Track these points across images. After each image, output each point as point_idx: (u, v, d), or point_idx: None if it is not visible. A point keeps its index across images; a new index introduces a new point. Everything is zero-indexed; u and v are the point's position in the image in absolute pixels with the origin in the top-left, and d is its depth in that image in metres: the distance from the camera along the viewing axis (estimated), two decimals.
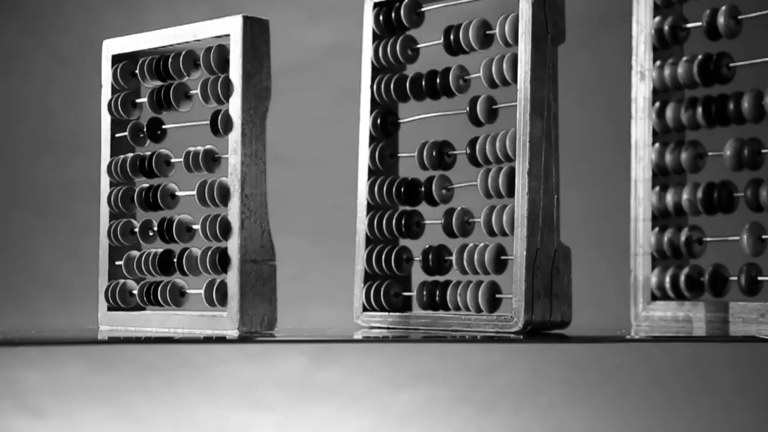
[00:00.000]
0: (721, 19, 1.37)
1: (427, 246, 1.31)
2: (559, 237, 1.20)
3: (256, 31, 1.17)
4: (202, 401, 2.13)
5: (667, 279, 1.41)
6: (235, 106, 1.17)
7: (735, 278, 1.35)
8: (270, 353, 2.19)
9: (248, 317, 1.15)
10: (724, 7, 1.37)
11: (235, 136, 1.17)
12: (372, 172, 1.36)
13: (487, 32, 1.27)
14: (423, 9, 1.34)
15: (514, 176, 1.20)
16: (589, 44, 2.25)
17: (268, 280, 1.17)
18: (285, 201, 2.31)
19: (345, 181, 1.56)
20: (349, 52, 1.58)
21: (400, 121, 1.37)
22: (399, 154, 1.37)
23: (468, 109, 1.27)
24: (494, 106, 1.26)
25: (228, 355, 2.16)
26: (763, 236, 1.34)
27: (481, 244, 1.24)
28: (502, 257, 1.23)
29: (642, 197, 1.44)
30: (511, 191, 1.21)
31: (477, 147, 1.26)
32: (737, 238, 1.35)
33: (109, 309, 1.31)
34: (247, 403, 2.17)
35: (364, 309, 1.35)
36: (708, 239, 1.40)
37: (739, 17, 1.37)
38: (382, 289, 1.33)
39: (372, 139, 1.37)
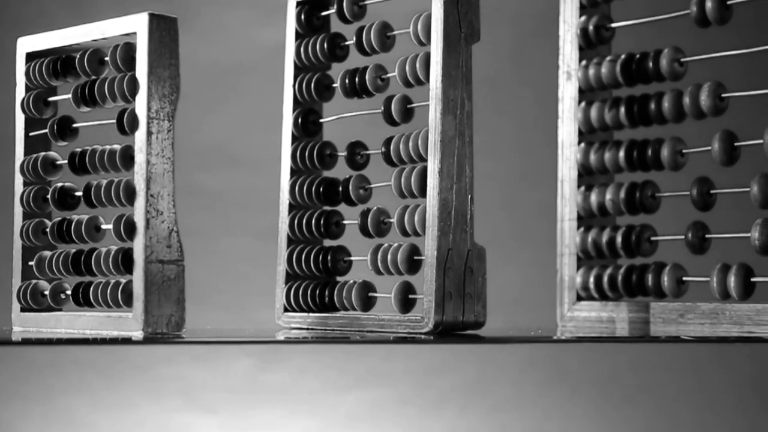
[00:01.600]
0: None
1: (337, 245, 1.31)
2: (473, 237, 1.19)
3: (163, 29, 1.15)
4: (145, 403, 2.12)
5: (592, 279, 1.40)
6: (141, 104, 1.16)
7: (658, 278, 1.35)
8: (214, 354, 2.17)
9: (153, 318, 1.14)
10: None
11: (141, 135, 1.15)
12: (294, 172, 1.35)
13: (389, 34, 1.26)
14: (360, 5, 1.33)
15: (426, 176, 1.19)
16: (520, 44, 2.25)
17: (175, 281, 1.15)
18: (236, 201, 2.30)
19: None
20: None
21: (322, 120, 1.36)
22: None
23: (383, 108, 1.26)
24: (409, 106, 1.25)
25: (172, 356, 2.15)
26: (707, 235, 1.33)
27: (395, 244, 1.24)
28: (416, 257, 1.22)
29: (568, 197, 1.44)
30: (423, 191, 1.20)
31: (392, 147, 1.25)
32: (682, 237, 1.34)
33: (22, 310, 1.29)
34: (191, 405, 2.16)
35: (285, 310, 1.34)
36: (658, 238, 1.38)
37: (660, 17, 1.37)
38: (301, 289, 1.32)
39: (294, 139, 1.36)
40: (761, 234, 1.24)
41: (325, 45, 1.33)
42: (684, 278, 1.33)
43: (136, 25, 1.16)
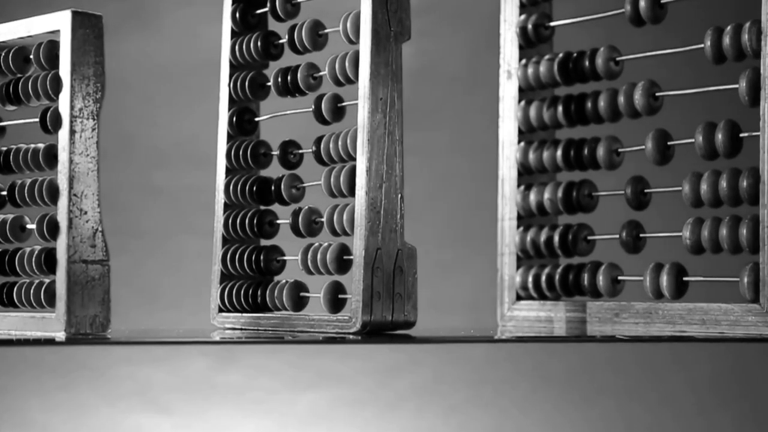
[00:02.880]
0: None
1: (270, 245, 1.30)
2: (404, 236, 1.19)
3: (87, 27, 1.14)
4: (100, 404, 2.10)
5: (530, 278, 1.40)
6: (64, 102, 1.14)
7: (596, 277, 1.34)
8: (172, 354, 2.16)
9: (76, 318, 1.13)
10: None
11: (64, 134, 1.14)
12: (229, 171, 1.34)
13: (320, 32, 1.25)
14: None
15: (355, 175, 1.19)
16: (463, 43, 2.25)
17: (100, 281, 1.14)
18: (199, 201, 2.29)
19: None
20: None
21: (257, 119, 1.35)
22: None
23: (314, 107, 1.25)
24: (340, 104, 1.24)
25: (129, 356, 2.14)
26: (641, 235, 1.32)
27: (325, 244, 1.23)
28: (345, 257, 1.21)
29: (508, 196, 1.43)
30: (352, 190, 1.20)
31: (322, 146, 1.24)
32: (617, 236, 1.33)
33: None
34: (145, 405, 2.15)
35: (220, 310, 1.33)
36: (594, 237, 1.38)
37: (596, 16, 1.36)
38: (235, 289, 1.31)
39: (229, 138, 1.35)
40: (692, 233, 1.23)
41: (260, 43, 1.32)
42: (619, 277, 1.33)
43: (60, 22, 1.15)
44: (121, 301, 2.30)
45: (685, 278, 1.25)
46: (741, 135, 1.22)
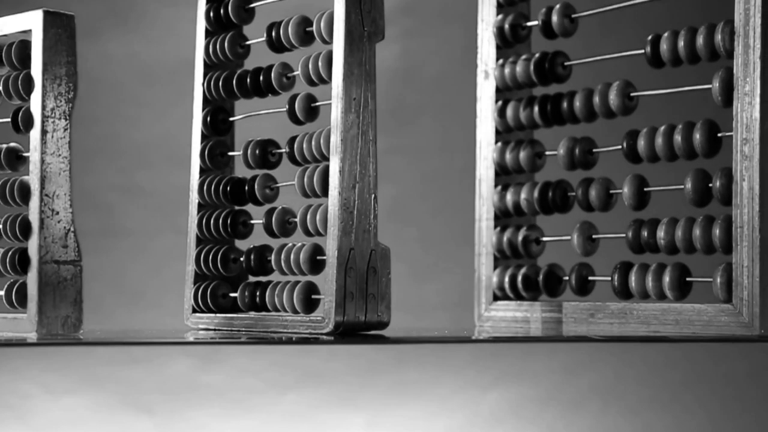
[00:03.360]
0: (555, 18, 1.36)
1: (251, 246, 1.29)
2: (377, 237, 1.18)
3: (59, 26, 1.14)
4: (80, 404, 2.10)
5: (506, 279, 1.40)
6: (35, 102, 1.14)
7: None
8: (153, 354, 2.16)
9: (48, 319, 1.12)
10: (558, 6, 1.36)
11: (35, 134, 1.14)
12: (203, 171, 1.34)
13: (307, 29, 1.25)
14: (252, 5, 1.32)
15: (329, 175, 1.18)
16: (448, 42, 2.24)
17: (72, 282, 1.14)
18: (181, 201, 2.29)
19: None
20: None
21: (231, 119, 1.35)
22: (230, 153, 1.34)
23: (287, 107, 1.25)
24: (313, 104, 1.24)
25: (112, 357, 2.13)
26: (594, 236, 1.33)
27: (299, 244, 1.23)
28: (318, 257, 1.21)
29: (485, 196, 1.43)
30: (325, 190, 1.19)
31: (295, 146, 1.24)
32: (569, 237, 1.34)
33: None
34: (126, 405, 2.14)
35: (194, 310, 1.33)
36: (545, 239, 1.39)
37: (573, 15, 1.36)
38: (210, 290, 1.31)
39: (204, 137, 1.35)
40: (633, 238, 1.25)
41: (230, 43, 1.31)
42: (590, 277, 1.33)
43: (31, 22, 1.14)
44: (104, 301, 2.30)
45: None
46: (719, 135, 1.22)
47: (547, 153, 1.38)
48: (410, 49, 2.27)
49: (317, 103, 1.24)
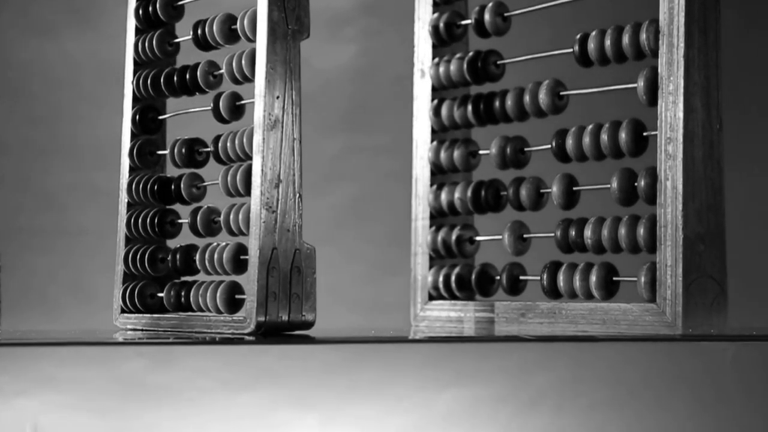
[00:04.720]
0: (488, 16, 1.36)
1: (177, 246, 1.28)
2: (302, 236, 1.17)
3: None
4: (29, 405, 2.08)
5: (441, 279, 1.39)
6: None
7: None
8: (107, 354, 2.14)
9: None
10: (490, 4, 1.36)
11: None
12: (132, 170, 1.33)
13: (232, 27, 1.24)
14: (181, 2, 1.31)
15: (252, 174, 1.17)
16: (407, 42, 2.24)
17: None
18: None
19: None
20: None
21: (160, 117, 1.33)
22: (159, 152, 1.33)
23: (212, 105, 1.24)
24: (238, 103, 1.23)
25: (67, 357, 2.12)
26: (525, 235, 1.33)
27: (223, 244, 1.21)
28: (242, 257, 1.20)
29: (421, 196, 1.42)
30: (248, 190, 1.18)
31: (220, 144, 1.23)
32: (500, 237, 1.34)
33: None
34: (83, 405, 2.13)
35: (123, 311, 1.32)
36: (479, 238, 1.38)
37: (506, 14, 1.35)
38: (138, 290, 1.29)
39: (133, 136, 1.33)
40: (562, 237, 1.24)
41: (159, 41, 1.30)
42: (521, 277, 1.32)
43: None
44: (58, 301, 2.29)
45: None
46: (645, 134, 1.21)
47: (481, 152, 1.37)
48: (369, 48, 2.26)
49: (242, 102, 1.23)
